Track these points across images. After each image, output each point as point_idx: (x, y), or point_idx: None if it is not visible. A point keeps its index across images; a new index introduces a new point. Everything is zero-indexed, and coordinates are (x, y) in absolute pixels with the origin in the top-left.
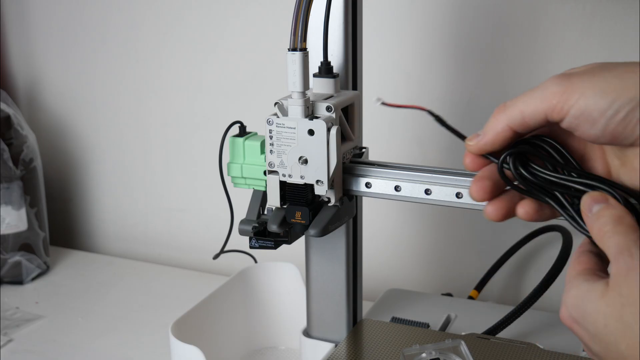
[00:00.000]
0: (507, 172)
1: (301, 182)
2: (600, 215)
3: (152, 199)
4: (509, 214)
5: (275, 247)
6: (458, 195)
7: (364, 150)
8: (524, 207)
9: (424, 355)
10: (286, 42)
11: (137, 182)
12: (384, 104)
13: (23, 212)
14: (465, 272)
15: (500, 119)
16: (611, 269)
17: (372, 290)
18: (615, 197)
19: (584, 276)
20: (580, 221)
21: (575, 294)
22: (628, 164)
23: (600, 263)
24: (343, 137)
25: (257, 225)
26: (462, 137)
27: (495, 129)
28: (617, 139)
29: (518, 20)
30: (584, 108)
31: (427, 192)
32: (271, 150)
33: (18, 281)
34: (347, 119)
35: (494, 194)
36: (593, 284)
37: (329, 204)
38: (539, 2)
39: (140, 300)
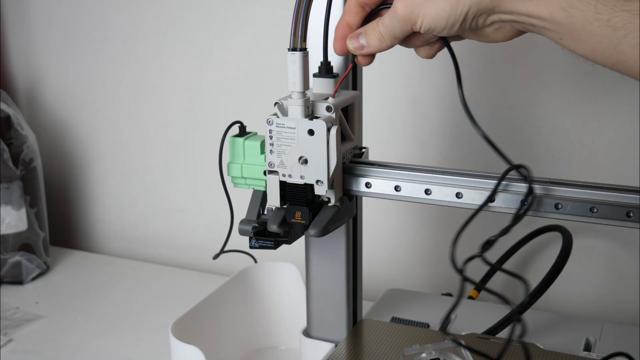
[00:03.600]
0: None
1: (301, 182)
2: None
3: (152, 199)
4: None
5: (275, 247)
6: (458, 195)
7: (364, 150)
8: None
9: (424, 355)
10: (286, 42)
11: (137, 182)
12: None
13: (23, 212)
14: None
15: (382, 45)
16: None
17: (372, 290)
18: None
19: None
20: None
21: None
22: (482, 37)
23: None
24: (343, 137)
25: (257, 225)
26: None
27: (379, 48)
28: (463, 35)
29: None
30: (428, 28)
31: (427, 192)
32: (271, 150)
33: (18, 281)
34: (347, 119)
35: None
36: None
37: (329, 204)
38: None
39: (140, 300)
